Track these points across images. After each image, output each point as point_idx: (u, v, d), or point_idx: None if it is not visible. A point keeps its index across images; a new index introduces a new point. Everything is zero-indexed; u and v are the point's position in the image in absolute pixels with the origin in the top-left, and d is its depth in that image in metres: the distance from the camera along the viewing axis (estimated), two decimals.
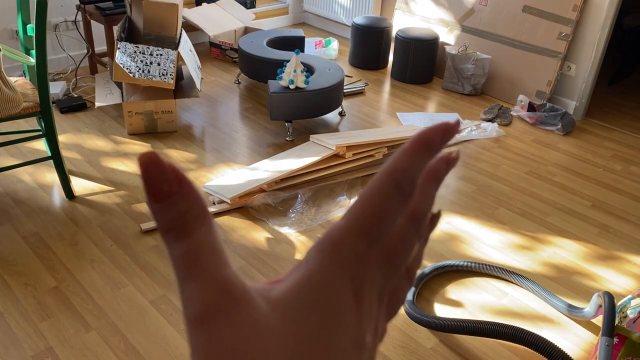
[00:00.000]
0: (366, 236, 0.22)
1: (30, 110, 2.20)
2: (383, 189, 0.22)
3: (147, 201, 0.21)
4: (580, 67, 3.40)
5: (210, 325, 0.19)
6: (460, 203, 2.59)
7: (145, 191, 0.20)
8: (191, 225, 0.20)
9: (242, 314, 0.20)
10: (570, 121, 3.31)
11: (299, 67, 2.86)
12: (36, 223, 2.28)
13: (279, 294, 0.21)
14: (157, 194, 0.20)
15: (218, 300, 0.20)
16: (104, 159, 2.76)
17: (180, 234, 0.20)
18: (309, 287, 0.21)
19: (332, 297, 0.21)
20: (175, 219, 0.20)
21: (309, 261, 0.22)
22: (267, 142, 3.01)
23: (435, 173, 0.25)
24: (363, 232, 0.22)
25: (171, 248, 0.21)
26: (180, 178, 0.21)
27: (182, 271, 0.20)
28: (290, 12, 4.87)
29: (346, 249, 0.22)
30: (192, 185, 0.21)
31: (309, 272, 0.21)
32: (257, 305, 0.20)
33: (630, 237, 2.43)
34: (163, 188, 0.20)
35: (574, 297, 2.07)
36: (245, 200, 2.45)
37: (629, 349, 1.62)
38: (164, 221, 0.20)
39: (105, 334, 1.80)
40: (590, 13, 3.27)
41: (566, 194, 2.72)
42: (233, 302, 0.20)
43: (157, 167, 0.20)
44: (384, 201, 0.22)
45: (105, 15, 3.29)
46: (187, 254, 0.20)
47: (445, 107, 3.56)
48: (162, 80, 2.83)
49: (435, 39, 3.75)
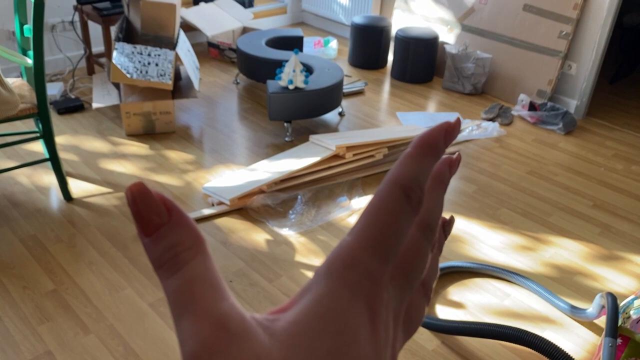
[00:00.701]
0: (379, 252, 0.20)
1: (28, 112, 2.18)
2: (392, 199, 0.21)
3: (138, 235, 0.20)
4: (581, 66, 3.39)
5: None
6: (461, 203, 2.58)
7: (135, 225, 0.19)
8: (183, 258, 0.19)
9: (240, 349, 0.18)
10: (571, 120, 3.30)
11: (298, 67, 2.84)
12: (34, 225, 2.26)
13: (285, 323, 0.19)
14: (146, 226, 0.19)
15: (214, 336, 0.18)
16: (101, 161, 2.74)
17: (172, 268, 0.19)
18: (318, 314, 0.19)
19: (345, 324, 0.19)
20: (165, 252, 0.19)
21: (317, 284, 0.20)
22: (266, 143, 2.99)
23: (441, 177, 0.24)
24: (375, 249, 0.20)
25: (164, 284, 0.20)
26: (170, 207, 0.20)
27: (177, 307, 0.19)
28: (289, 11, 4.85)
29: (358, 269, 0.20)
30: (183, 214, 0.20)
31: (318, 296, 0.20)
32: (258, 339, 0.19)
33: (632, 237, 2.41)
34: (152, 220, 0.19)
35: (577, 298, 2.06)
36: (245, 202, 2.43)
37: (632, 349, 1.60)
38: (155, 256, 0.19)
39: (104, 337, 1.79)
40: (590, 11, 3.25)
41: (568, 194, 2.70)
42: (230, 337, 0.18)
43: (145, 198, 0.19)
44: (394, 213, 0.21)
45: (102, 16, 3.28)
46: (180, 289, 0.19)
47: (445, 106, 3.55)
48: (160, 80, 2.81)
49: (435, 38, 3.73)
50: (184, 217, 0.20)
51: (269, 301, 1.96)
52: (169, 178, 2.63)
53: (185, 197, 2.49)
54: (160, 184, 2.58)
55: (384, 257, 0.20)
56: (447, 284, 2.10)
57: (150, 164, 2.73)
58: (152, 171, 2.68)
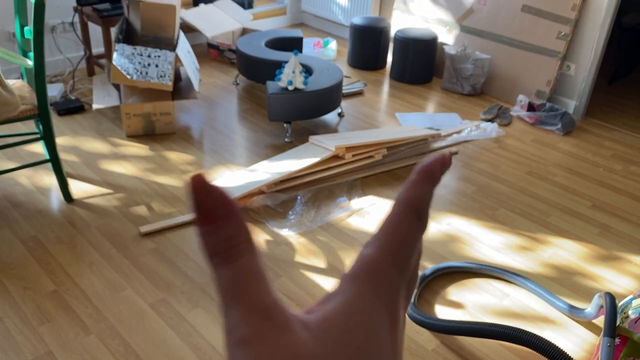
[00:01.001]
0: (398, 264, 0.23)
1: (28, 113, 2.19)
2: (406, 218, 0.24)
3: (195, 223, 0.21)
4: (580, 67, 3.40)
5: (255, 347, 0.20)
6: (460, 204, 2.59)
7: (194, 213, 0.21)
8: (238, 250, 0.21)
9: (284, 340, 0.20)
10: (570, 121, 3.31)
11: (298, 67, 2.85)
12: (34, 226, 2.27)
13: (317, 320, 0.22)
14: (206, 216, 0.21)
15: (261, 325, 0.20)
16: (102, 162, 2.75)
17: (227, 258, 0.21)
18: (348, 314, 0.22)
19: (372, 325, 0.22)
20: (222, 243, 0.21)
21: (345, 289, 0.23)
22: (266, 144, 3.00)
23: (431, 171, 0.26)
24: (395, 261, 0.23)
25: (217, 271, 0.21)
26: (228, 202, 0.21)
27: (228, 296, 0.21)
28: (289, 12, 4.86)
29: (382, 278, 0.23)
30: (239, 211, 0.22)
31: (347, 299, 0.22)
32: (297, 331, 0.21)
33: (631, 237, 2.42)
34: (212, 211, 0.21)
35: (575, 298, 2.07)
36: (245, 202, 2.44)
37: (630, 349, 1.61)
38: (211, 244, 0.21)
39: (105, 337, 1.79)
40: (589, 12, 3.26)
41: (566, 194, 2.71)
42: (276, 328, 0.21)
43: (207, 190, 0.21)
44: (409, 230, 0.24)
45: (102, 17, 3.28)
46: (234, 279, 0.21)
47: (444, 107, 3.56)
48: (160, 81, 2.82)
49: (434, 38, 3.74)
50: (239, 213, 0.21)
51: None
52: (169, 179, 2.63)
53: (186, 198, 2.50)
54: (161, 184, 2.59)
55: (402, 269, 0.23)
56: (446, 284, 2.10)
57: (151, 165, 2.74)
58: (152, 172, 2.68)
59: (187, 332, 1.83)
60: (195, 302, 1.95)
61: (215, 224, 0.21)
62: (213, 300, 1.96)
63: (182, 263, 2.13)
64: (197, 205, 0.21)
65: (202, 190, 0.21)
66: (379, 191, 2.64)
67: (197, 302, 1.95)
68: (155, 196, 2.49)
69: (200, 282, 2.04)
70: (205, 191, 0.21)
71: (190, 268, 2.10)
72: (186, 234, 2.28)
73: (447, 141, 3.09)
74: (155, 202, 2.45)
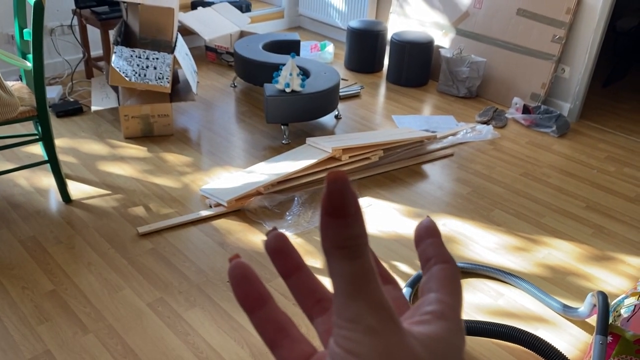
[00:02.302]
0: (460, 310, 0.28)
1: (28, 114, 2.20)
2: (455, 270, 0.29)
3: (325, 215, 0.22)
4: (574, 70, 3.43)
5: (383, 338, 0.22)
6: (455, 205, 2.61)
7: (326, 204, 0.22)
8: (362, 248, 0.23)
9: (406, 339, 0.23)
10: (564, 123, 3.34)
11: (295, 70, 2.88)
12: (33, 227, 2.28)
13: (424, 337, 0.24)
14: (339, 210, 0.22)
15: (388, 320, 0.23)
16: (100, 163, 2.77)
17: (353, 253, 0.23)
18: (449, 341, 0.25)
19: (461, 355, 0.25)
20: (350, 238, 0.22)
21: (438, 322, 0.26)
22: (264, 145, 3.02)
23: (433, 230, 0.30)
24: (460, 307, 0.28)
25: (340, 264, 0.23)
26: (359, 204, 0.23)
27: (351, 289, 0.23)
28: (286, 15, 4.89)
29: (460, 322, 0.27)
30: (364, 216, 0.23)
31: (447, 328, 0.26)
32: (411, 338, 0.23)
33: (624, 238, 2.45)
34: (346, 207, 0.22)
35: (569, 297, 2.09)
36: (242, 203, 2.46)
37: (622, 347, 1.63)
38: (338, 237, 0.22)
39: (103, 336, 1.81)
40: (583, 16, 3.30)
41: (561, 195, 2.74)
42: (398, 326, 0.23)
43: (345, 186, 0.22)
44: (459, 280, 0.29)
45: (101, 20, 3.30)
46: (359, 274, 0.23)
47: (440, 109, 3.58)
48: (158, 84, 2.84)
49: (430, 42, 3.77)
50: (363, 215, 0.23)
51: None
52: (167, 180, 2.65)
53: (183, 198, 2.51)
54: (159, 186, 2.60)
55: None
56: None
57: (149, 166, 2.76)
58: (150, 173, 2.70)
59: (184, 331, 1.85)
60: (193, 302, 1.97)
61: (346, 219, 0.22)
62: (210, 300, 1.98)
63: (180, 263, 2.14)
64: (333, 198, 0.22)
65: (341, 185, 0.22)
66: (375, 192, 2.66)
67: (194, 302, 1.97)
68: (153, 197, 2.51)
69: (197, 281, 2.06)
70: (344, 187, 0.22)
71: (188, 268, 2.12)
72: (183, 235, 2.29)
73: (443, 143, 3.12)
74: (153, 203, 2.47)
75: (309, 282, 0.28)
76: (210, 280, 2.07)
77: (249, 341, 1.83)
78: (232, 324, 1.89)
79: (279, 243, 0.27)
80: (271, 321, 0.27)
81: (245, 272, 0.27)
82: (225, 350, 1.79)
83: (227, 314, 1.92)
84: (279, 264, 0.28)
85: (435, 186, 2.75)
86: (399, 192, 2.68)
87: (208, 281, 2.06)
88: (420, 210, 2.56)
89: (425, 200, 2.63)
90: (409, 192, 2.69)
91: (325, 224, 0.22)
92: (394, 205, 2.58)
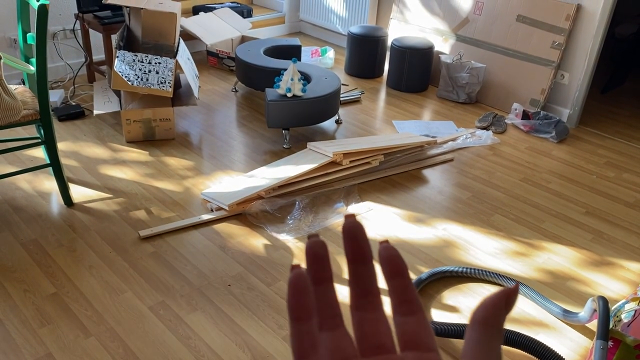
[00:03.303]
0: None
1: (30, 118, 2.21)
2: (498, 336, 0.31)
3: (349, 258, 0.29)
4: (574, 76, 3.45)
5: None
6: (455, 210, 2.62)
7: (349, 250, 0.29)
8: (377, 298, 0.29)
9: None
10: (563, 129, 3.36)
11: (296, 75, 2.89)
12: (35, 230, 2.29)
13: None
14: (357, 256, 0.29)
15: None
16: (102, 167, 2.78)
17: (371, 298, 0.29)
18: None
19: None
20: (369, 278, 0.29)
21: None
22: (265, 150, 3.03)
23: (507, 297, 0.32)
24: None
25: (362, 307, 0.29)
26: (370, 247, 0.29)
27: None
28: (287, 21, 4.92)
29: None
30: None
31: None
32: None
33: (623, 243, 2.46)
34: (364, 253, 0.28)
35: (569, 302, 2.10)
36: (243, 207, 2.47)
37: (623, 352, 1.64)
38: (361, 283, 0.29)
39: (105, 339, 1.81)
40: (582, 22, 3.32)
41: (560, 201, 2.75)
42: None
43: (361, 232, 0.29)
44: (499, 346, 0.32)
45: (103, 24, 3.32)
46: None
47: (440, 115, 3.60)
48: (160, 88, 2.86)
49: (430, 48, 3.79)
50: None
51: (266, 304, 1.99)
52: (168, 184, 2.66)
53: (185, 202, 2.52)
54: (160, 190, 2.61)
55: None
56: (441, 288, 2.13)
57: (150, 170, 2.77)
58: (151, 177, 2.71)
59: (185, 334, 1.85)
60: (194, 305, 1.97)
61: (366, 265, 0.28)
62: (211, 303, 1.99)
63: (181, 266, 2.15)
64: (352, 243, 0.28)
65: (356, 232, 0.28)
66: (375, 197, 2.67)
67: (195, 305, 1.97)
68: (155, 201, 2.52)
69: (198, 285, 2.06)
70: (360, 234, 0.28)
71: (189, 271, 2.13)
72: (185, 238, 2.30)
73: (443, 148, 3.13)
74: (154, 206, 2.48)
75: (331, 296, 0.29)
76: (212, 283, 2.08)
77: (250, 345, 1.83)
78: (233, 327, 1.89)
79: (320, 250, 0.29)
80: (311, 334, 0.28)
81: (306, 283, 0.28)
82: (227, 354, 1.79)
83: (228, 318, 1.93)
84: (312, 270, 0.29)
85: (436, 191, 2.76)
86: (399, 196, 2.69)
87: (209, 285, 2.07)
88: (420, 214, 2.57)
89: (426, 205, 2.64)
90: (409, 196, 2.70)
91: (350, 269, 0.29)
92: (394, 210, 2.59)
